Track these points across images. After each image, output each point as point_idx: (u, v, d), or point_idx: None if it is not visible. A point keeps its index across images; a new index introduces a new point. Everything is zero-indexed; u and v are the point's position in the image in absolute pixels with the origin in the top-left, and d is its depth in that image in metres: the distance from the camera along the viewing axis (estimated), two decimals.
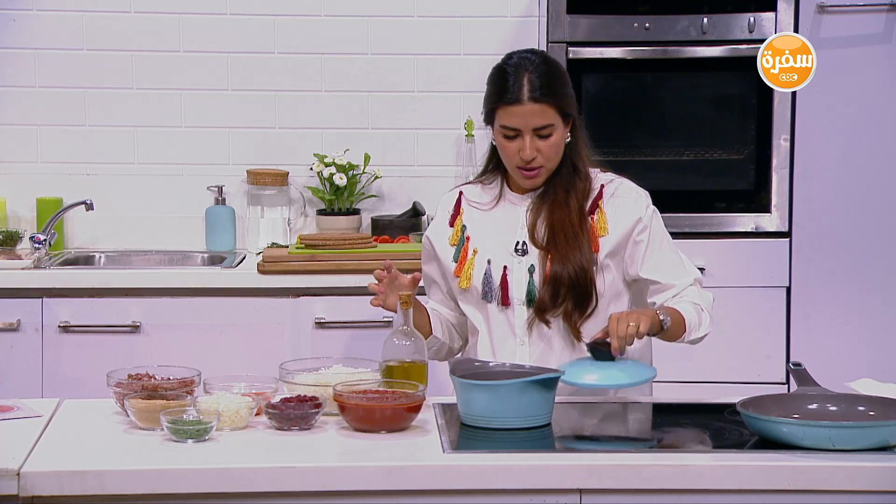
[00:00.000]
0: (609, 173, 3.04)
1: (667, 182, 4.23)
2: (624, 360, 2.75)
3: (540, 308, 2.93)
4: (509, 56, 2.98)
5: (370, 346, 3.24)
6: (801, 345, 4.18)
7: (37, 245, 4.29)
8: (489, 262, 2.97)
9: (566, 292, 2.91)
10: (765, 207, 4.21)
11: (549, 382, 2.64)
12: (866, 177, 4.20)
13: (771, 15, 4.15)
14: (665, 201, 4.18)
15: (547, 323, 2.93)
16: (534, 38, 4.51)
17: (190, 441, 2.52)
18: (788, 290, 4.20)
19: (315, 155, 4.53)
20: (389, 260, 3.00)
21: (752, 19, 4.15)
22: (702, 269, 4.15)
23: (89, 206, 4.38)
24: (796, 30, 4.13)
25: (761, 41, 4.02)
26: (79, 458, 2.46)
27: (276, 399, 2.67)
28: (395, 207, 4.56)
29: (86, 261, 4.43)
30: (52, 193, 4.49)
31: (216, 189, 4.53)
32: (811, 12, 4.13)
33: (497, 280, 2.97)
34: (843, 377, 2.99)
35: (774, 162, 4.20)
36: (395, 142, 4.58)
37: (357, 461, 2.45)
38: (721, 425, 2.67)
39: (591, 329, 2.91)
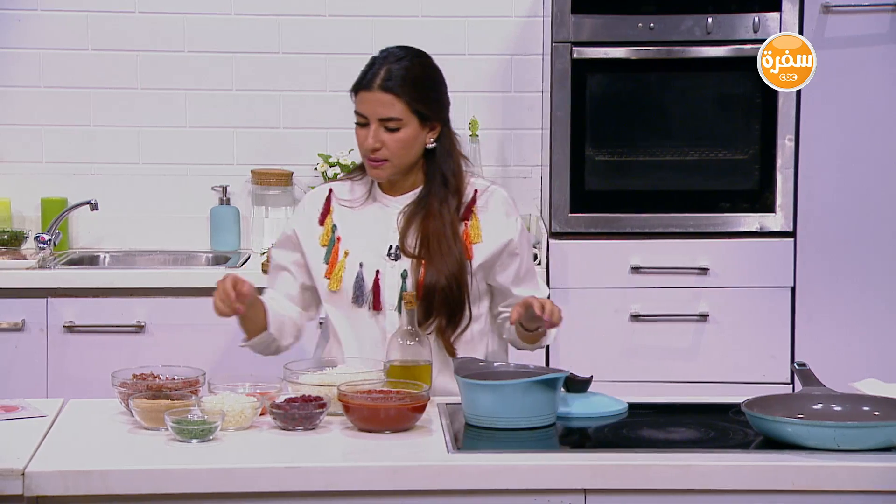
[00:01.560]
0: (482, 179, 3.05)
1: (671, 182, 4.22)
2: (595, 393, 2.79)
3: None
4: (385, 48, 2.99)
5: None
6: (806, 345, 4.18)
7: (41, 245, 4.29)
8: (361, 265, 2.95)
9: (440, 305, 2.90)
10: (769, 207, 4.21)
11: (553, 382, 2.64)
12: (871, 177, 4.20)
13: (776, 15, 4.14)
14: (669, 201, 4.22)
15: (441, 335, 2.93)
16: (538, 38, 4.51)
17: (194, 441, 2.52)
18: (793, 290, 4.19)
19: (319, 155, 4.53)
20: (227, 273, 2.91)
21: (756, 19, 4.15)
22: (706, 269, 4.18)
23: (94, 206, 4.39)
24: (801, 30, 4.12)
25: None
26: (83, 457, 2.46)
27: (280, 399, 2.67)
28: None
29: (90, 261, 4.43)
30: (56, 193, 4.50)
31: (220, 189, 4.53)
32: (816, 12, 4.12)
33: (369, 284, 2.94)
34: (847, 377, 2.99)
35: (779, 162, 4.19)
36: None
37: (361, 461, 2.45)
38: (726, 425, 2.67)
39: (465, 349, 2.94)
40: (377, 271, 2.94)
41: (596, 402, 2.77)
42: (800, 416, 2.60)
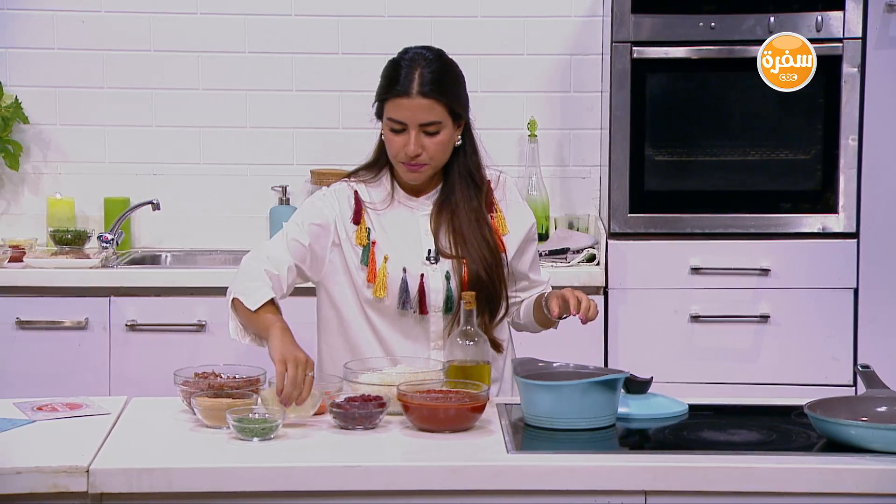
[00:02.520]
0: (488, 169, 3.04)
1: (732, 182, 4.19)
2: (655, 395, 2.78)
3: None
4: (405, 50, 2.96)
5: None
6: (869, 347, 4.13)
7: (104, 244, 4.34)
8: (405, 270, 2.92)
9: (482, 300, 2.90)
10: (832, 208, 4.17)
11: (613, 383, 2.64)
12: None
13: (839, 14, 4.10)
14: (730, 202, 4.19)
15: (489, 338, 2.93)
16: (598, 38, 4.50)
17: (255, 439, 2.54)
18: (856, 291, 4.15)
19: None
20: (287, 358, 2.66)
21: (819, 18, 4.10)
22: (767, 270, 4.14)
23: (156, 206, 4.43)
24: (864, 29, 4.08)
25: (829, 40, 4.00)
26: (147, 455, 2.48)
27: (340, 398, 2.68)
28: None
29: (152, 260, 4.48)
30: (119, 193, 4.54)
31: (280, 189, 4.56)
32: (880, 11, 4.08)
33: (414, 289, 2.92)
34: None
35: (842, 162, 4.15)
36: None
37: (421, 461, 2.45)
38: (788, 427, 2.65)
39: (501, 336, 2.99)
40: (421, 275, 2.93)
41: (656, 404, 2.76)
42: (864, 418, 2.57)
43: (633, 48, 4.15)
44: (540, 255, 3.75)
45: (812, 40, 4.04)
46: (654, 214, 4.19)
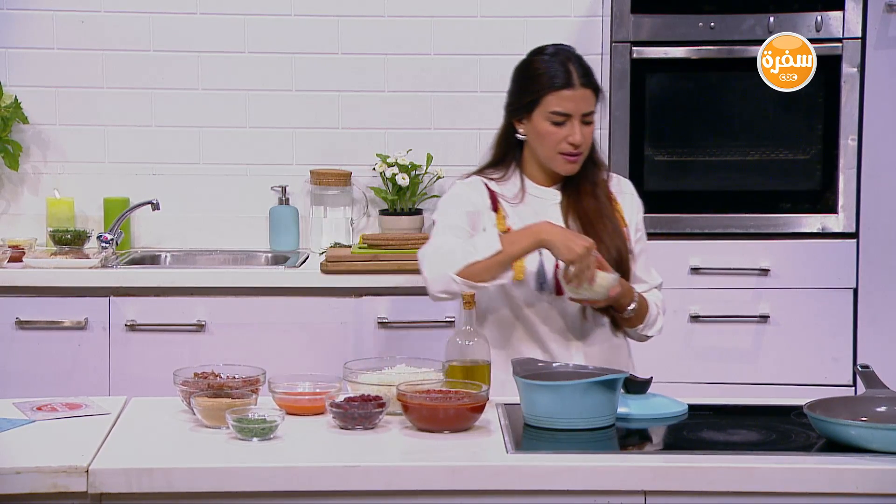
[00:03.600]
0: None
1: (732, 182, 4.20)
2: (655, 395, 2.78)
3: None
4: (541, 48, 3.06)
5: (432, 346, 3.24)
6: (869, 347, 4.13)
7: (104, 244, 4.34)
8: (541, 253, 2.98)
9: None
10: (831, 208, 4.17)
11: (613, 383, 2.64)
12: None
13: (838, 14, 4.10)
14: (730, 202, 4.20)
15: (605, 312, 3.01)
16: (597, 38, 4.49)
17: (255, 439, 2.54)
18: (855, 291, 4.15)
19: (378, 155, 4.54)
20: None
21: (819, 18, 4.11)
22: (767, 270, 4.14)
23: (155, 206, 4.42)
24: (864, 29, 4.08)
25: (829, 40, 4.00)
26: (146, 455, 2.48)
27: (340, 398, 2.68)
28: None
29: (152, 260, 4.47)
30: (119, 193, 4.54)
31: (280, 189, 4.56)
32: (879, 11, 4.08)
33: (550, 271, 2.99)
34: None
35: (841, 162, 4.15)
36: (458, 142, 4.58)
37: (421, 461, 2.45)
38: (787, 427, 2.65)
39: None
40: (557, 259, 2.98)
41: (656, 404, 2.76)
42: (863, 418, 2.57)
43: (633, 48, 4.15)
44: None
45: (812, 40, 4.05)
46: (654, 214, 4.18)
